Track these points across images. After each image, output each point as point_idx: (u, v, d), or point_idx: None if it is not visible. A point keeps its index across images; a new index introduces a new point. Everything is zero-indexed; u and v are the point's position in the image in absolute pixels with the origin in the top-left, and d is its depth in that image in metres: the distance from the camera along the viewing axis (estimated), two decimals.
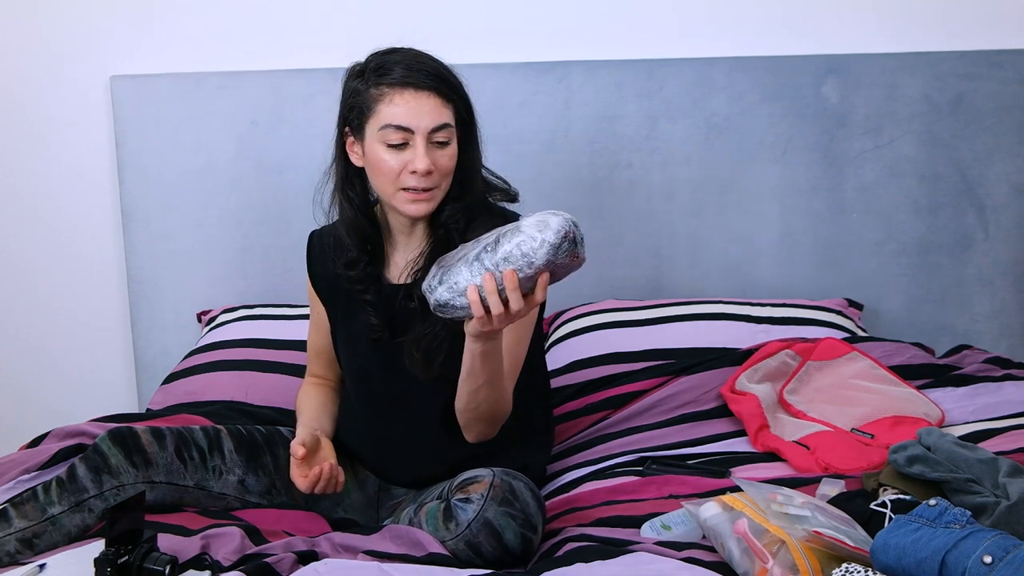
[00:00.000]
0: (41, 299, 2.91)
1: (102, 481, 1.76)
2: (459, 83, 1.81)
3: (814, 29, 2.76)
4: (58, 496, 1.74)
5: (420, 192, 1.77)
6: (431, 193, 1.78)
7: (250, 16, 2.77)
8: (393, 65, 1.76)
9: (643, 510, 1.82)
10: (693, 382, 2.29)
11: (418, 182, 1.76)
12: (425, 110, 1.74)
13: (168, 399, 2.36)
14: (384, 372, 1.90)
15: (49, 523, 1.73)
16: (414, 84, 1.75)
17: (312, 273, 2.00)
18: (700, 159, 2.76)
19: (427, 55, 1.80)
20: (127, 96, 2.74)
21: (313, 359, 2.08)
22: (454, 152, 1.79)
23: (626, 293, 2.77)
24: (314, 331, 2.05)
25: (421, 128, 1.74)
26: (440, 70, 1.78)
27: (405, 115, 1.74)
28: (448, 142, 1.78)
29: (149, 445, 1.81)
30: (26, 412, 2.91)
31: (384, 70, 1.77)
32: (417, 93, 1.74)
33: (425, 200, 1.78)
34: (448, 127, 1.77)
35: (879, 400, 2.19)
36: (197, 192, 2.78)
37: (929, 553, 1.41)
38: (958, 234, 2.79)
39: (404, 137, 1.75)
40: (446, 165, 1.78)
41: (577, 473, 2.07)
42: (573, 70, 2.73)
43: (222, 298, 2.81)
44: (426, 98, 1.74)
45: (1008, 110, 2.74)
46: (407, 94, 1.74)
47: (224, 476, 1.87)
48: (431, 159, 1.75)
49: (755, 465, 2.05)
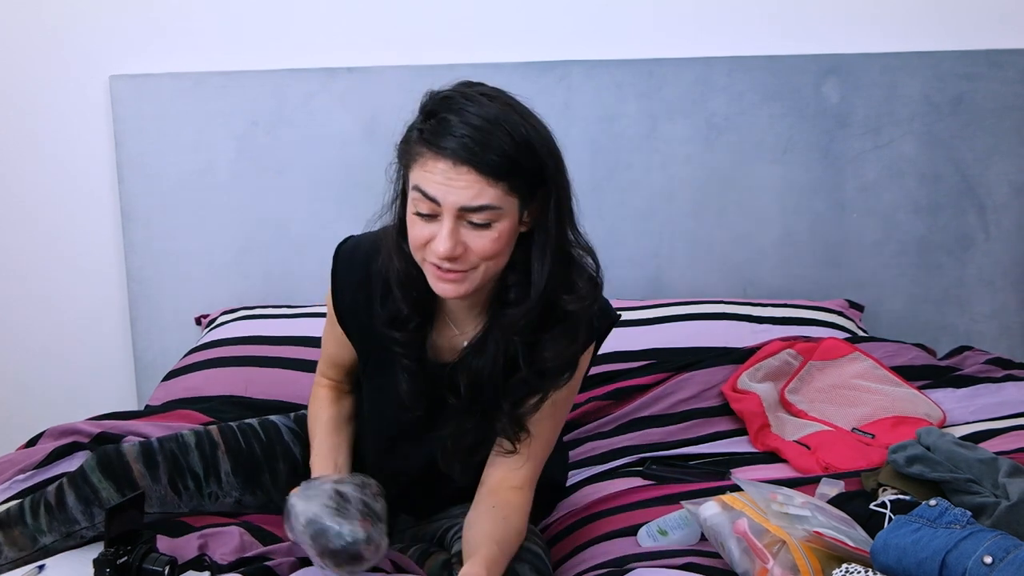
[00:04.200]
0: (41, 299, 2.91)
1: (93, 514, 1.68)
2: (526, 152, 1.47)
3: (814, 29, 2.76)
4: (47, 525, 1.68)
5: (447, 272, 1.49)
6: (462, 275, 1.49)
7: (250, 16, 2.76)
8: (443, 121, 1.46)
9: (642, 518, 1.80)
10: (695, 379, 2.30)
11: (441, 261, 1.48)
12: (459, 185, 1.44)
13: (168, 396, 2.36)
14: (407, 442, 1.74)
15: (41, 552, 1.69)
16: (452, 155, 1.44)
17: (340, 306, 1.70)
18: (700, 159, 2.76)
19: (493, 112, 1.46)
20: (127, 96, 2.73)
21: (329, 364, 1.81)
22: (501, 233, 1.47)
23: (626, 293, 2.76)
24: (333, 343, 1.77)
25: (448, 203, 1.45)
26: (495, 137, 1.44)
27: (434, 185, 1.45)
28: (491, 223, 1.46)
29: (141, 478, 1.70)
30: (26, 412, 2.91)
31: (432, 124, 1.47)
32: (455, 167, 1.44)
33: (453, 281, 1.50)
34: (489, 209, 1.45)
35: (880, 400, 2.19)
36: (197, 192, 2.78)
37: (929, 553, 1.41)
38: (958, 234, 2.79)
39: (432, 208, 1.47)
40: (484, 247, 1.47)
41: (579, 475, 2.07)
42: (573, 70, 2.73)
43: (222, 298, 2.81)
44: (464, 174, 1.43)
45: (1008, 110, 2.74)
46: (441, 164, 1.44)
47: (220, 500, 1.80)
48: (462, 240, 1.47)
49: (755, 466, 2.05)
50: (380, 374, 1.69)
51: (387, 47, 2.74)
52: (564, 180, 1.53)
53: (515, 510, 1.63)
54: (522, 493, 1.66)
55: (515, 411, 1.61)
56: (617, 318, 1.70)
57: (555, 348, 1.57)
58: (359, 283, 1.66)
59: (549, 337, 1.56)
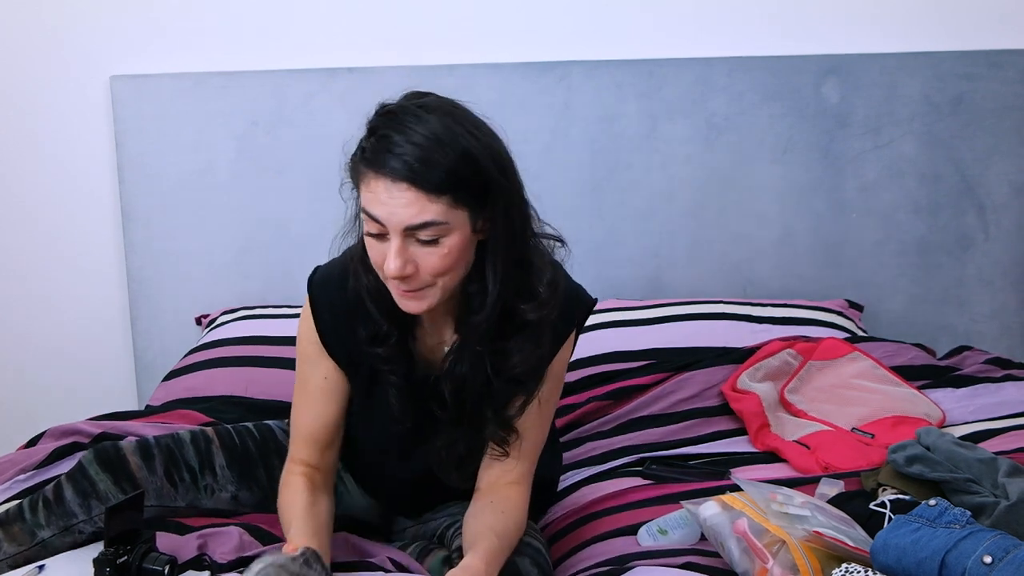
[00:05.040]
0: (41, 299, 2.91)
1: (91, 507, 1.69)
2: (468, 167, 1.45)
3: (814, 29, 2.76)
4: (46, 519, 1.69)
5: (404, 291, 1.50)
6: (420, 292, 1.50)
7: (250, 16, 2.76)
8: (384, 138, 1.45)
9: (642, 517, 1.81)
10: (695, 379, 2.30)
11: (395, 282, 1.49)
12: (400, 204, 1.43)
13: (169, 396, 2.36)
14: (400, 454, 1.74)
15: (40, 547, 1.69)
16: (391, 173, 1.43)
17: (323, 328, 1.66)
18: (700, 159, 2.76)
19: (436, 128, 1.44)
20: (127, 96, 2.74)
21: (304, 442, 1.70)
22: (451, 248, 1.47)
23: (626, 293, 2.76)
24: (310, 403, 1.70)
25: (393, 224, 1.44)
26: (435, 155, 1.43)
27: (378, 206, 1.44)
28: (438, 240, 1.46)
29: (138, 470, 1.71)
30: (26, 412, 2.91)
31: (373, 141, 1.47)
32: (393, 184, 1.43)
33: (413, 299, 1.50)
34: (436, 225, 1.44)
35: (880, 400, 2.19)
36: (197, 192, 2.78)
37: (929, 553, 1.41)
38: (958, 234, 2.79)
39: (379, 229, 1.46)
40: (435, 264, 1.47)
41: (578, 475, 2.07)
42: (573, 70, 2.73)
43: (221, 298, 2.81)
44: (403, 191, 1.42)
45: (1008, 110, 2.74)
46: (381, 184, 1.44)
47: (216, 494, 1.80)
48: (412, 259, 1.46)
49: (755, 466, 2.05)
50: (368, 394, 1.70)
51: (387, 47, 2.74)
52: (514, 186, 1.52)
53: (513, 505, 1.65)
54: (519, 488, 1.68)
55: (499, 416, 1.63)
56: (593, 302, 1.70)
57: (521, 355, 1.57)
58: (338, 305, 1.64)
59: (513, 344, 1.57)
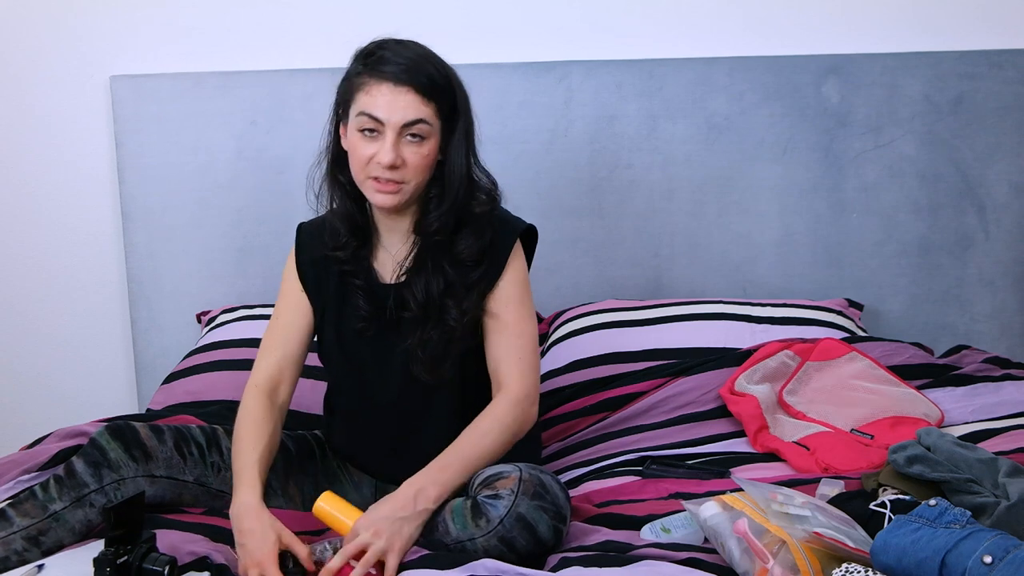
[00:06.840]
0: (41, 299, 2.91)
1: (102, 475, 1.74)
2: (447, 82, 1.81)
3: (814, 29, 2.76)
4: (58, 492, 1.73)
5: (386, 183, 1.79)
6: (398, 187, 1.80)
7: (250, 16, 2.77)
8: (381, 55, 1.79)
9: (643, 511, 1.81)
10: (692, 383, 2.29)
11: (382, 173, 1.78)
12: (400, 105, 1.76)
13: (168, 399, 2.36)
14: (379, 371, 1.90)
15: (52, 519, 1.72)
16: (394, 78, 1.76)
17: (300, 262, 1.98)
18: (700, 159, 2.76)
19: (421, 51, 1.82)
20: (127, 96, 2.74)
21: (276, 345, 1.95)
22: (430, 151, 1.80)
23: (626, 293, 2.77)
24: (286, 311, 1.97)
25: (392, 122, 1.76)
26: (425, 66, 1.79)
27: (379, 106, 1.76)
28: (423, 138, 1.78)
29: (148, 439, 1.80)
30: (26, 412, 2.91)
31: (372, 59, 1.79)
32: (395, 87, 1.76)
33: (391, 192, 1.80)
34: (423, 123, 1.77)
35: (878, 400, 2.19)
36: (197, 192, 2.78)
37: (929, 553, 1.41)
38: (958, 234, 2.79)
39: (376, 127, 1.77)
40: (417, 162, 1.79)
41: (577, 472, 2.07)
42: (573, 70, 2.73)
43: (222, 298, 2.81)
44: (403, 93, 1.76)
45: (1008, 110, 2.74)
46: (384, 87, 1.76)
47: (223, 473, 1.86)
48: (401, 153, 1.77)
49: (755, 465, 2.05)
50: (337, 317, 1.93)
51: None
52: (471, 115, 1.86)
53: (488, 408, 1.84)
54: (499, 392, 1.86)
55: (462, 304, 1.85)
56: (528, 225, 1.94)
57: (466, 243, 1.85)
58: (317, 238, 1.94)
59: (461, 236, 1.85)
